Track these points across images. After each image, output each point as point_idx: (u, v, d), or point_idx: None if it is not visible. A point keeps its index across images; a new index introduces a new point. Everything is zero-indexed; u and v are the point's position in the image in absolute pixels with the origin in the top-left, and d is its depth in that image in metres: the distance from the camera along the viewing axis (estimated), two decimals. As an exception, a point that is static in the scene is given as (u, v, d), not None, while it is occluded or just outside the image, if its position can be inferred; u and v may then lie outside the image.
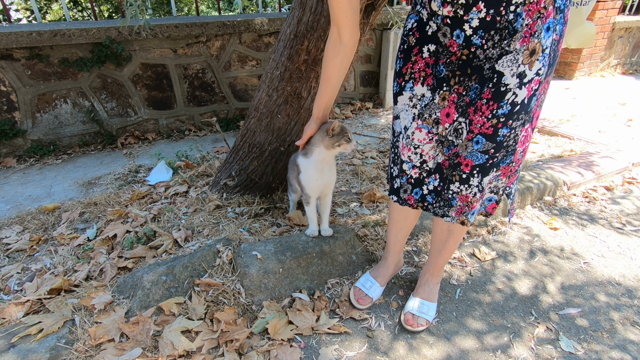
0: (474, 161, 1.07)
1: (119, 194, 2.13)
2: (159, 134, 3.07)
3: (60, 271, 1.52)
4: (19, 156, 2.67)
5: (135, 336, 1.21)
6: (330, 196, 1.53)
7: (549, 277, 1.59)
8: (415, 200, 1.23)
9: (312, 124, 1.34)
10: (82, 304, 1.29)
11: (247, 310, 1.34)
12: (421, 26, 1.05)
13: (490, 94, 0.99)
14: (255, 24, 2.97)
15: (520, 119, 1.01)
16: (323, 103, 1.28)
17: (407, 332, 1.32)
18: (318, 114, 1.31)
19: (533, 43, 0.93)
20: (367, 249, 1.62)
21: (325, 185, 1.47)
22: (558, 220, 1.95)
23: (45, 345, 1.15)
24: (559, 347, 1.28)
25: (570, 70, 4.77)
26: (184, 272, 1.37)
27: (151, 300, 1.30)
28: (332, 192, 1.53)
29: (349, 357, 1.23)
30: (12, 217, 1.96)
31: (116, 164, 2.59)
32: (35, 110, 2.64)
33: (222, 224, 1.75)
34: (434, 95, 1.08)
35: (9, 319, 1.28)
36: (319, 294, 1.42)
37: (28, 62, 2.51)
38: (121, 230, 1.74)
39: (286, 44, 1.71)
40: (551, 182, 2.13)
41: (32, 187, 2.30)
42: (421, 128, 1.12)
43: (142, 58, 2.81)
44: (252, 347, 1.22)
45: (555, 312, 1.41)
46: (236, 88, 3.21)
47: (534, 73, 0.96)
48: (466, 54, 0.99)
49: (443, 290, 1.49)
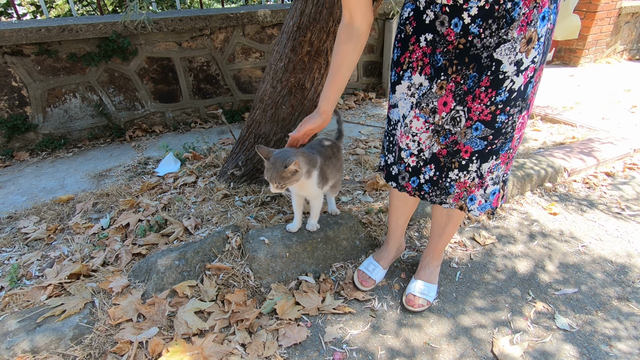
0: (473, 147, 1.11)
1: (129, 185, 2.20)
2: (165, 127, 3.14)
3: (77, 258, 1.60)
4: (31, 150, 2.75)
5: (152, 316, 1.28)
6: (317, 201, 1.48)
7: (547, 259, 1.64)
8: (413, 189, 1.27)
9: (317, 119, 1.24)
10: (100, 287, 1.37)
11: (256, 292, 1.41)
12: (418, 15, 1.07)
13: (489, 81, 1.02)
14: (258, 15, 3.00)
15: (517, 105, 1.05)
16: (333, 94, 1.20)
17: (408, 312, 1.38)
18: (327, 107, 1.21)
19: (530, 32, 0.96)
20: (370, 234, 1.68)
21: (307, 196, 1.48)
22: (557, 206, 1.99)
23: (68, 325, 1.23)
24: (554, 325, 1.33)
25: (575, 57, 4.74)
26: (195, 257, 1.44)
27: (165, 283, 1.38)
28: (315, 202, 1.49)
29: (354, 335, 1.29)
30: (29, 208, 2.04)
31: (125, 156, 2.66)
32: (45, 104, 2.71)
33: (230, 212, 1.81)
34: (431, 85, 1.10)
35: (33, 302, 1.36)
36: (324, 276, 1.49)
37: (37, 57, 2.57)
38: (133, 219, 1.81)
39: (289, 36, 1.75)
40: (551, 169, 2.16)
41: (45, 180, 2.38)
42: (419, 117, 1.15)
43: (147, 52, 2.85)
44: (262, 326, 1.29)
45: (553, 292, 1.47)
46: (240, 80, 3.25)
47: (530, 61, 0.99)
48: (463, 42, 1.02)
49: (444, 273, 1.55)
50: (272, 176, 1.21)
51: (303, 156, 1.29)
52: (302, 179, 1.30)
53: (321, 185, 1.40)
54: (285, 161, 1.19)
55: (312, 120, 1.25)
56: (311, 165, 1.32)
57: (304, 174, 1.29)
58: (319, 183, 1.38)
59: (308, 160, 1.31)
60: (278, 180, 1.21)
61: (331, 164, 1.46)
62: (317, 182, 1.36)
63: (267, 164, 1.24)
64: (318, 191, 1.41)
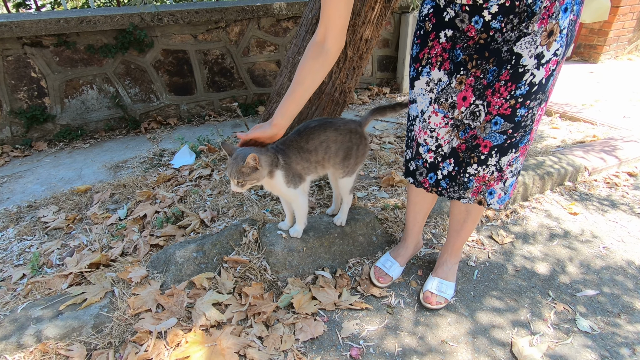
0: (492, 142, 1.10)
1: (145, 176, 2.21)
2: (180, 119, 3.15)
3: (97, 247, 1.62)
4: (49, 140, 2.79)
5: (170, 307, 1.29)
6: (296, 203, 1.39)
7: (567, 259, 1.61)
8: (430, 185, 1.26)
9: (268, 129, 1.17)
10: (120, 277, 1.39)
11: (273, 286, 1.42)
12: (438, 12, 1.07)
13: (509, 75, 1.01)
14: (273, 8, 2.98)
15: (537, 98, 1.03)
16: (289, 109, 1.14)
17: (426, 310, 1.37)
18: (280, 121, 1.15)
19: (551, 24, 0.94)
20: (387, 230, 1.66)
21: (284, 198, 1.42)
22: (578, 205, 1.95)
23: (89, 313, 1.25)
24: (575, 326, 1.31)
25: (595, 54, 4.62)
26: (213, 249, 1.45)
27: (183, 274, 1.39)
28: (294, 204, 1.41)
29: (370, 331, 1.29)
30: (48, 197, 2.07)
31: (141, 148, 2.68)
32: (63, 95, 2.74)
33: (246, 206, 1.82)
34: (450, 80, 1.10)
35: (54, 289, 1.38)
36: (340, 272, 1.48)
37: (56, 49, 2.60)
38: (150, 210, 1.83)
39: (308, 29, 1.74)
40: (572, 168, 2.12)
41: (63, 170, 2.41)
42: (437, 112, 1.15)
43: (163, 44, 2.86)
44: (279, 319, 1.29)
45: (573, 294, 1.44)
46: (254, 73, 3.24)
47: (551, 54, 0.98)
48: (484, 37, 1.01)
49: (461, 271, 1.53)
50: (231, 172, 1.17)
51: (265, 155, 1.21)
52: (267, 179, 1.25)
53: (293, 185, 1.31)
54: (246, 157, 1.14)
55: (263, 129, 1.19)
56: (273, 165, 1.24)
57: (266, 174, 1.23)
58: (288, 182, 1.29)
59: (271, 160, 1.23)
60: (237, 176, 1.16)
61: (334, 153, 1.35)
62: (284, 181, 1.28)
63: (229, 160, 1.20)
64: (291, 192, 1.32)
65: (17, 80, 2.58)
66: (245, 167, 1.15)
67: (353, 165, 1.40)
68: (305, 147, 1.30)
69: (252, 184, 1.20)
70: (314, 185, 1.99)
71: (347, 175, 1.41)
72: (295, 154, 1.29)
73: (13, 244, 1.72)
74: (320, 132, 1.32)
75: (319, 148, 1.32)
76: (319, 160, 1.34)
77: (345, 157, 1.37)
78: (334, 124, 1.35)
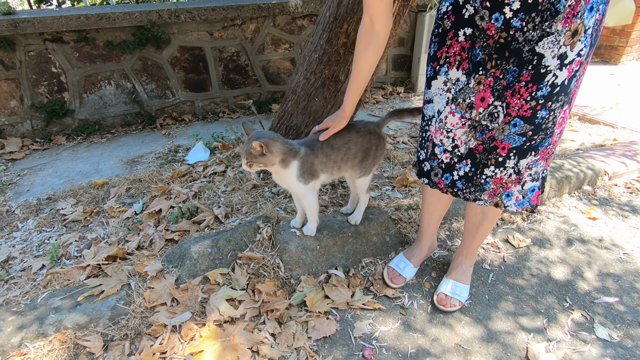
0: (510, 144, 1.08)
1: (160, 172, 2.24)
2: (194, 116, 3.18)
3: (113, 241, 1.65)
4: (67, 134, 2.85)
5: (185, 301, 1.31)
6: (305, 200, 1.38)
7: (586, 265, 1.57)
8: (445, 185, 1.24)
9: (342, 120, 1.29)
10: (136, 270, 1.41)
11: (286, 283, 1.42)
12: (457, 9, 1.04)
13: (530, 76, 0.98)
14: (289, 6, 2.98)
15: (559, 100, 1.01)
16: (355, 98, 1.26)
17: (439, 312, 1.36)
18: (350, 109, 1.28)
19: (575, 24, 0.91)
20: (401, 231, 1.65)
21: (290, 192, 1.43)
22: (597, 210, 1.91)
23: (106, 305, 1.27)
24: (594, 333, 1.28)
25: (617, 55, 4.50)
26: (227, 245, 1.46)
27: (198, 270, 1.40)
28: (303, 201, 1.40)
29: (383, 331, 1.28)
30: (66, 190, 2.12)
31: (156, 143, 2.71)
32: (82, 90, 2.79)
33: (260, 203, 1.82)
34: (469, 80, 1.08)
35: (73, 281, 1.41)
36: (353, 271, 1.48)
37: (76, 44, 2.64)
38: (165, 205, 1.85)
39: (325, 27, 1.73)
40: (591, 172, 2.07)
41: (81, 164, 2.46)
42: (454, 112, 1.13)
43: (180, 41, 2.89)
44: (291, 317, 1.30)
45: (591, 300, 1.41)
46: (269, 71, 3.25)
47: (575, 54, 0.95)
48: (504, 37, 0.98)
49: (476, 274, 1.51)
50: (242, 150, 1.22)
51: (280, 143, 1.22)
52: (277, 167, 1.25)
53: (303, 180, 1.29)
54: (258, 139, 1.17)
55: (335, 119, 1.30)
56: (289, 155, 1.24)
57: (278, 162, 1.23)
58: (300, 177, 1.28)
59: (286, 149, 1.23)
60: (246, 156, 1.20)
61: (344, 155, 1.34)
62: (296, 174, 1.27)
63: (245, 139, 1.27)
64: (300, 187, 1.31)
65: (38, 75, 2.63)
66: (252, 150, 1.18)
67: (370, 165, 1.40)
68: (332, 142, 1.32)
69: (260, 167, 1.23)
70: (327, 184, 1.98)
71: (364, 175, 1.41)
72: (320, 148, 1.31)
73: (33, 235, 1.77)
74: (344, 132, 1.34)
75: (342, 148, 1.34)
76: (337, 160, 1.34)
77: (364, 158, 1.38)
78: (356, 126, 1.37)
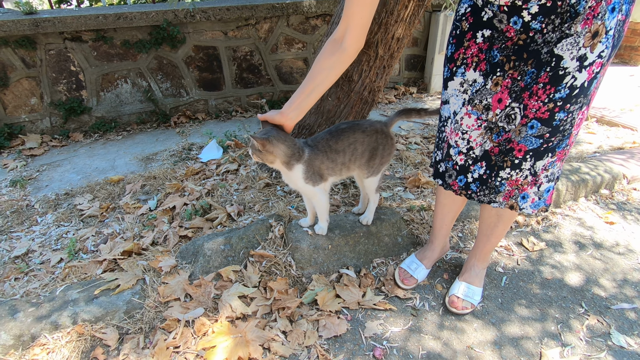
0: (527, 146, 1.06)
1: (174, 169, 2.28)
2: (208, 114, 3.22)
3: (128, 236, 1.68)
4: (85, 132, 2.92)
5: (198, 297, 1.33)
6: (315, 199, 1.37)
7: (602, 271, 1.54)
8: (459, 187, 1.24)
9: (277, 116, 1.18)
10: (151, 265, 1.43)
11: (297, 281, 1.43)
12: (475, 12, 1.04)
13: (548, 77, 0.97)
14: (303, 6, 2.99)
15: (578, 102, 0.99)
16: (297, 101, 1.14)
17: (451, 314, 1.35)
18: (288, 111, 1.16)
19: (596, 25, 0.90)
20: (413, 232, 1.65)
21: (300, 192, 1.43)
22: (614, 215, 1.87)
23: (122, 299, 1.30)
24: (610, 340, 1.26)
25: (637, 55, 4.39)
26: (239, 243, 1.48)
27: (211, 266, 1.42)
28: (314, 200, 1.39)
29: (394, 332, 1.28)
30: (83, 186, 2.17)
31: (170, 141, 2.75)
32: (99, 89, 2.85)
33: (272, 201, 1.84)
34: (486, 81, 1.07)
35: (90, 274, 1.45)
36: (365, 271, 1.48)
37: (94, 43, 2.70)
38: (179, 202, 1.88)
39: (340, 27, 1.73)
40: (609, 175, 2.03)
41: (98, 160, 2.51)
42: (470, 114, 1.12)
43: (195, 40, 2.93)
44: (302, 315, 1.31)
45: (608, 306, 1.38)
46: (282, 71, 3.27)
47: (595, 55, 0.93)
48: (523, 38, 0.97)
49: (489, 277, 1.50)
50: (250, 143, 1.22)
51: (285, 147, 1.21)
52: (284, 170, 1.27)
53: (311, 182, 1.29)
54: (264, 137, 1.17)
55: (272, 114, 1.20)
56: (293, 158, 1.24)
57: (281, 163, 1.23)
58: (307, 179, 1.28)
59: (290, 152, 1.22)
60: (251, 149, 1.22)
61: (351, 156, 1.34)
62: (302, 177, 1.28)
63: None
64: (308, 188, 1.31)
65: (57, 73, 2.70)
66: (254, 145, 1.19)
67: (378, 165, 1.40)
68: (334, 147, 1.31)
69: (261, 160, 1.24)
70: (339, 183, 1.99)
71: (372, 175, 1.41)
72: (323, 153, 1.30)
73: (51, 229, 1.81)
74: (349, 133, 1.33)
75: (347, 150, 1.33)
76: (345, 162, 1.34)
77: (371, 158, 1.37)
78: (362, 126, 1.36)
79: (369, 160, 1.37)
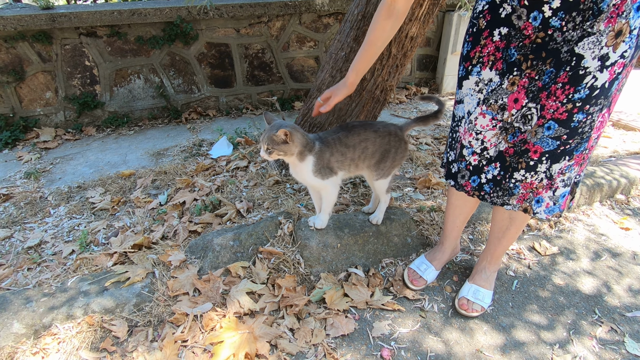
0: (543, 147, 1.04)
1: (185, 165, 2.29)
2: (218, 111, 3.23)
3: (139, 230, 1.69)
4: (97, 126, 2.95)
5: (207, 292, 1.33)
6: (324, 192, 1.39)
7: (616, 278, 1.51)
8: (472, 188, 1.22)
9: (344, 90, 1.27)
10: (160, 259, 1.44)
11: (306, 279, 1.43)
12: (494, 8, 1.02)
13: (567, 77, 0.95)
14: (315, 4, 2.99)
15: (598, 104, 0.97)
16: (362, 66, 1.25)
17: (460, 317, 1.33)
18: (355, 79, 1.26)
19: (620, 24, 0.87)
20: (422, 232, 1.63)
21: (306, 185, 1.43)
22: (630, 220, 1.83)
23: (132, 292, 1.31)
24: (624, 348, 1.23)
25: (655, 59, 4.28)
26: (248, 239, 1.48)
27: (220, 262, 1.42)
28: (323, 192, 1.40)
29: (402, 333, 1.27)
30: (95, 179, 2.19)
31: (181, 137, 2.77)
32: (113, 84, 2.88)
33: (281, 199, 1.84)
34: (502, 80, 1.05)
35: (101, 267, 1.46)
36: (373, 271, 1.47)
37: (109, 39, 2.73)
38: (189, 197, 1.89)
39: (353, 25, 1.72)
40: (625, 180, 1.98)
41: (110, 155, 2.54)
42: (485, 114, 1.10)
43: (207, 37, 2.94)
44: (310, 313, 1.30)
45: (622, 314, 1.35)
46: (293, 69, 3.27)
47: (618, 55, 0.91)
48: (542, 36, 0.95)
49: (499, 280, 1.48)
50: (264, 137, 1.24)
51: (300, 134, 1.25)
52: (295, 160, 1.28)
53: (320, 176, 1.31)
54: (281, 127, 1.20)
55: (337, 89, 1.28)
56: (306, 149, 1.26)
57: (296, 153, 1.25)
58: (317, 172, 1.30)
59: (305, 142, 1.26)
60: (267, 142, 1.22)
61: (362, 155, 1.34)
62: (312, 170, 1.29)
63: (266, 127, 1.29)
64: (317, 181, 1.32)
65: (72, 67, 2.74)
66: (276, 136, 1.20)
67: (389, 168, 1.39)
68: (345, 141, 1.32)
69: (279, 156, 1.25)
70: (348, 182, 1.98)
71: (382, 177, 1.41)
72: (333, 146, 1.31)
73: (64, 221, 1.84)
74: (361, 130, 1.34)
75: (357, 146, 1.33)
76: (354, 158, 1.34)
77: (381, 160, 1.37)
78: (374, 126, 1.37)
79: (379, 162, 1.37)
